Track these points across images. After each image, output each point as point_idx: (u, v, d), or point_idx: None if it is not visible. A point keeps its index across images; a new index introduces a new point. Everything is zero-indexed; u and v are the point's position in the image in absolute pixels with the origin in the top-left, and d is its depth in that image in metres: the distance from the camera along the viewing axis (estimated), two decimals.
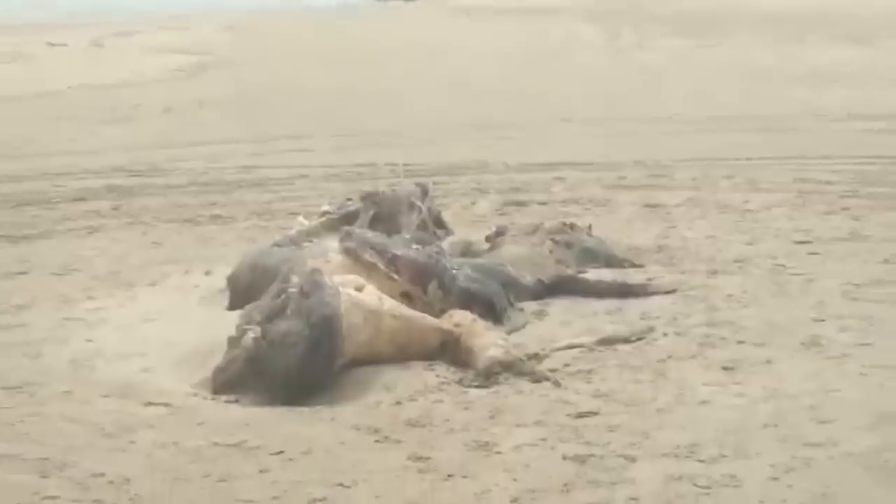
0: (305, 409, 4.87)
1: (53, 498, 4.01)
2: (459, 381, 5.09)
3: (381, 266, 5.71)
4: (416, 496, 3.98)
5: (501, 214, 8.70)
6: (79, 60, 29.64)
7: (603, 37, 38.35)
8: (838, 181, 10.02)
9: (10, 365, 5.44)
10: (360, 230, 6.09)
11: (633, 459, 4.22)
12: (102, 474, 4.18)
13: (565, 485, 4.02)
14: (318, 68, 26.04)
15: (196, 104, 17.61)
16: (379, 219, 6.87)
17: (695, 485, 3.98)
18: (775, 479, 4.02)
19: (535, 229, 7.02)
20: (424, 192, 7.07)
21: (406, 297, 5.64)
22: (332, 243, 6.08)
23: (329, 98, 18.46)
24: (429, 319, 5.47)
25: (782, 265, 6.96)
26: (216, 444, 4.48)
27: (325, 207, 7.36)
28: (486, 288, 5.93)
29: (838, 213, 8.59)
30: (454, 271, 5.90)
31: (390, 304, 5.39)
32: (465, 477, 4.12)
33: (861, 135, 13.05)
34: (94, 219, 9.12)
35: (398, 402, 4.88)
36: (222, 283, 6.56)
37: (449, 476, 4.14)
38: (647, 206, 9.04)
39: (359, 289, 5.35)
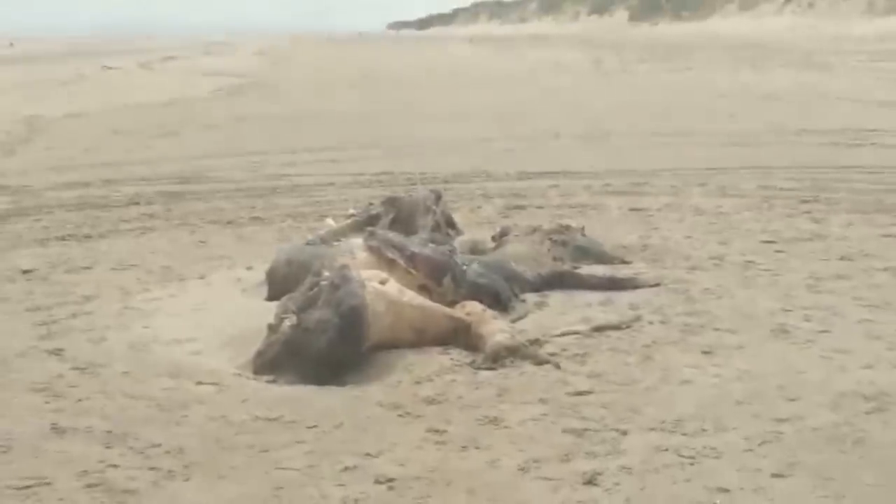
0: (336, 388, 4.82)
1: (116, 466, 3.96)
2: (470, 364, 5.04)
3: (401, 262, 5.66)
4: (434, 464, 3.94)
5: (504, 217, 8.64)
6: (131, 82, 29.66)
7: (587, 62, 38.35)
8: (797, 188, 9.99)
9: (78, 348, 5.39)
10: (382, 231, 6.04)
11: (624, 433, 4.17)
12: (159, 444, 4.14)
13: (565, 455, 3.97)
14: (340, 89, 26.05)
15: (234, 120, 17.59)
16: (398, 221, 6.83)
17: (679, 455, 3.94)
18: (750, 450, 3.97)
19: (534, 230, 6.97)
20: (438, 198, 7.02)
21: (423, 290, 5.58)
22: (358, 242, 6.03)
23: (351, 115, 18.46)
24: (443, 309, 5.42)
25: (752, 262, 6.90)
26: (258, 418, 4.44)
27: (351, 211, 7.33)
28: (492, 282, 5.88)
29: (799, 216, 8.54)
30: (465, 267, 5.86)
31: (410, 296, 5.35)
32: (477, 448, 4.08)
33: (815, 148, 13.02)
34: (148, 221, 9.06)
35: (417, 382, 4.84)
36: (262, 276, 6.51)
37: (463, 447, 4.09)
38: (632, 209, 8.98)
39: (382, 282, 5.31)
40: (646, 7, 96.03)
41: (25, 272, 7.09)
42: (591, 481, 3.75)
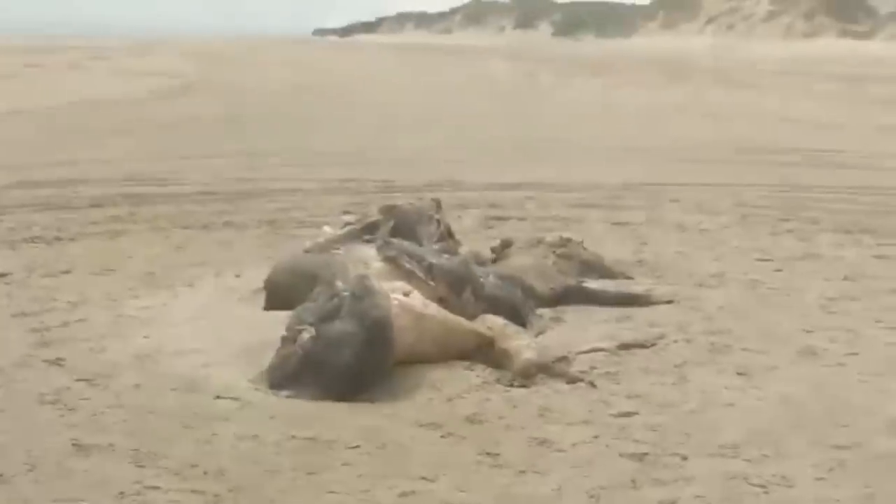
0: (365, 405, 4.55)
1: (155, 488, 3.67)
2: (498, 381, 4.83)
3: (420, 274, 5.42)
4: (497, 490, 3.71)
5: (488, 228, 8.43)
6: (64, 80, 28.91)
7: (521, 74, 38.35)
8: (771, 206, 9.93)
9: (80, 358, 5.04)
10: (398, 241, 5.77)
11: (685, 458, 3.98)
12: (196, 465, 3.85)
13: (633, 482, 3.77)
14: (283, 93, 25.67)
15: (188, 121, 17.16)
16: (398, 229, 6.55)
17: (750, 483, 3.76)
18: (822, 479, 3.81)
19: (537, 242, 6.76)
20: (438, 206, 6.77)
21: (441, 302, 5.34)
22: (366, 250, 5.76)
23: (300, 119, 18.19)
24: (466, 323, 5.19)
25: (757, 280, 6.77)
26: (293, 437, 4.17)
27: (347, 218, 7.05)
28: (511, 294, 5.67)
29: (783, 235, 8.45)
30: (482, 279, 5.64)
31: (433, 309, 5.12)
32: (537, 473, 3.85)
33: (777, 167, 13.02)
34: (116, 223, 8.67)
35: (450, 400, 4.61)
36: (254, 284, 6.24)
37: (521, 472, 3.86)
38: (615, 223, 8.82)
39: (405, 294, 5.08)
40: (570, 23, 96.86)
41: (1, 276, 6.70)
42: None
